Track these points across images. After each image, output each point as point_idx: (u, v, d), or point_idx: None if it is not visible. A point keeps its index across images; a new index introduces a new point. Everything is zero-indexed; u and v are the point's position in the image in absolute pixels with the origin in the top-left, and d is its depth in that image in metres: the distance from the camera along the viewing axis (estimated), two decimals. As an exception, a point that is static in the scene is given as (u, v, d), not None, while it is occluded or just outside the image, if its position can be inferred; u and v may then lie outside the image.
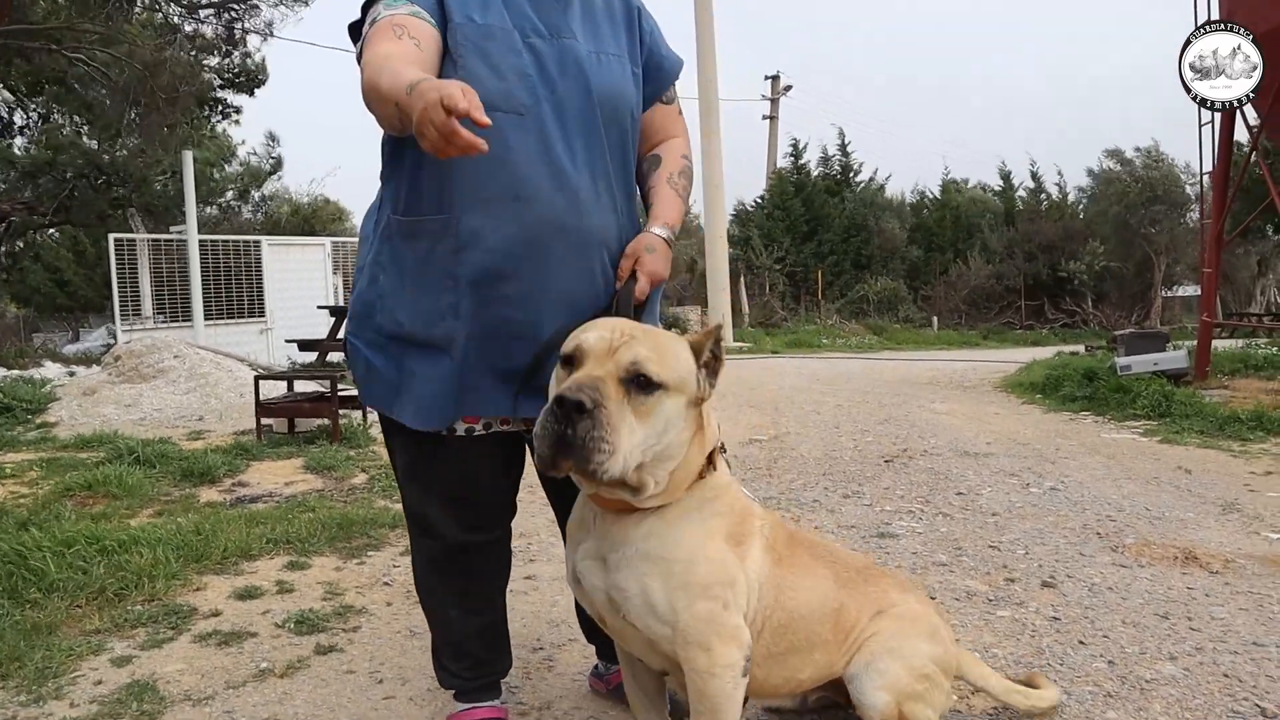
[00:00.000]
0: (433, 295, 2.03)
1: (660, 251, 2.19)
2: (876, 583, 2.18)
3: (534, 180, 2.00)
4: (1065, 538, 4.04)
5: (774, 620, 1.95)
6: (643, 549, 1.79)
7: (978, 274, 26.53)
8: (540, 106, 2.01)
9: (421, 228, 2.04)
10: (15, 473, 5.64)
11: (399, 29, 1.93)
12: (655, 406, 1.66)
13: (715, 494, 1.87)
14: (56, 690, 2.70)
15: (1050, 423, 7.63)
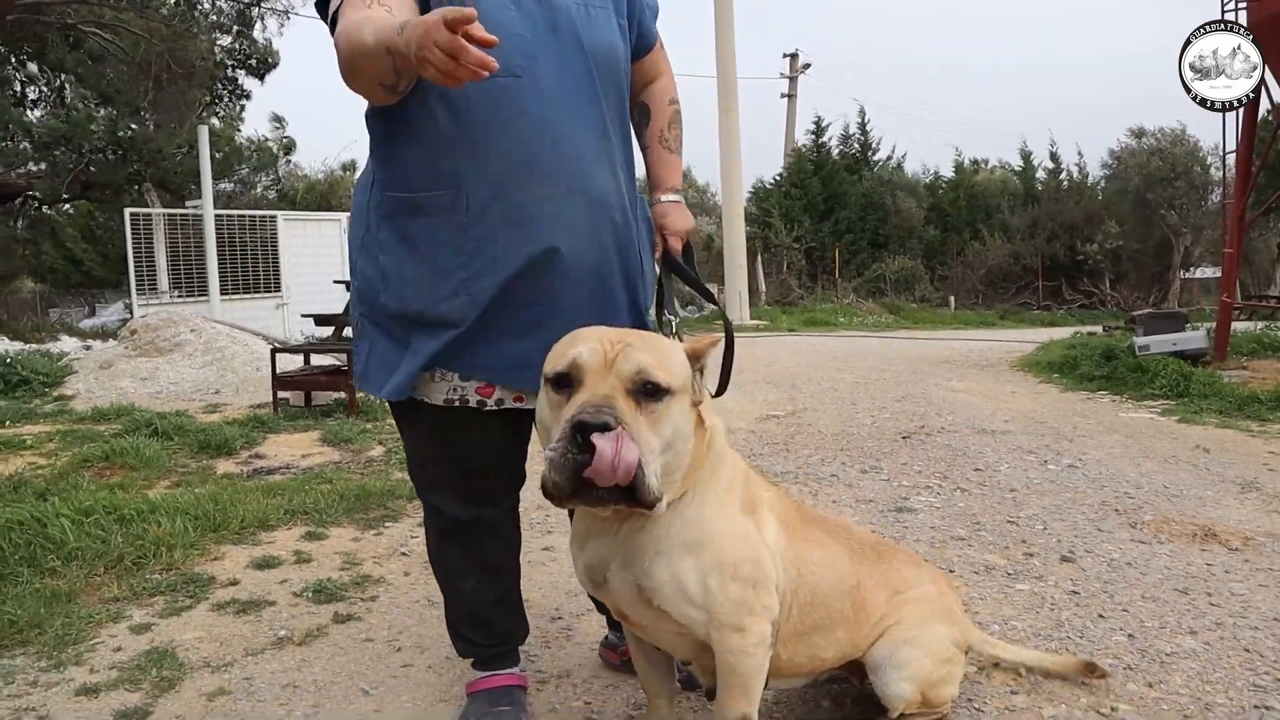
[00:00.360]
0: (442, 272, 1.99)
1: (675, 212, 2.22)
2: (889, 559, 2.17)
3: (538, 145, 1.96)
4: (1083, 514, 4.02)
5: (800, 597, 1.94)
6: (670, 537, 1.74)
7: (995, 254, 26.37)
8: (535, 66, 1.95)
9: (426, 203, 1.99)
10: (34, 444, 5.68)
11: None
12: (665, 413, 1.59)
13: (719, 459, 1.83)
14: (76, 656, 2.73)
15: (1067, 402, 7.59)
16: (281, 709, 2.40)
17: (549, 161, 1.97)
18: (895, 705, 2.06)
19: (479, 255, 1.97)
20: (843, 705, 2.28)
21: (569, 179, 1.99)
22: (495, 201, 1.96)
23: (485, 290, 1.97)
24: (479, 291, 1.98)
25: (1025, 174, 29.68)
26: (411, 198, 2.00)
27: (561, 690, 2.48)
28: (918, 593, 2.14)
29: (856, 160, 29.81)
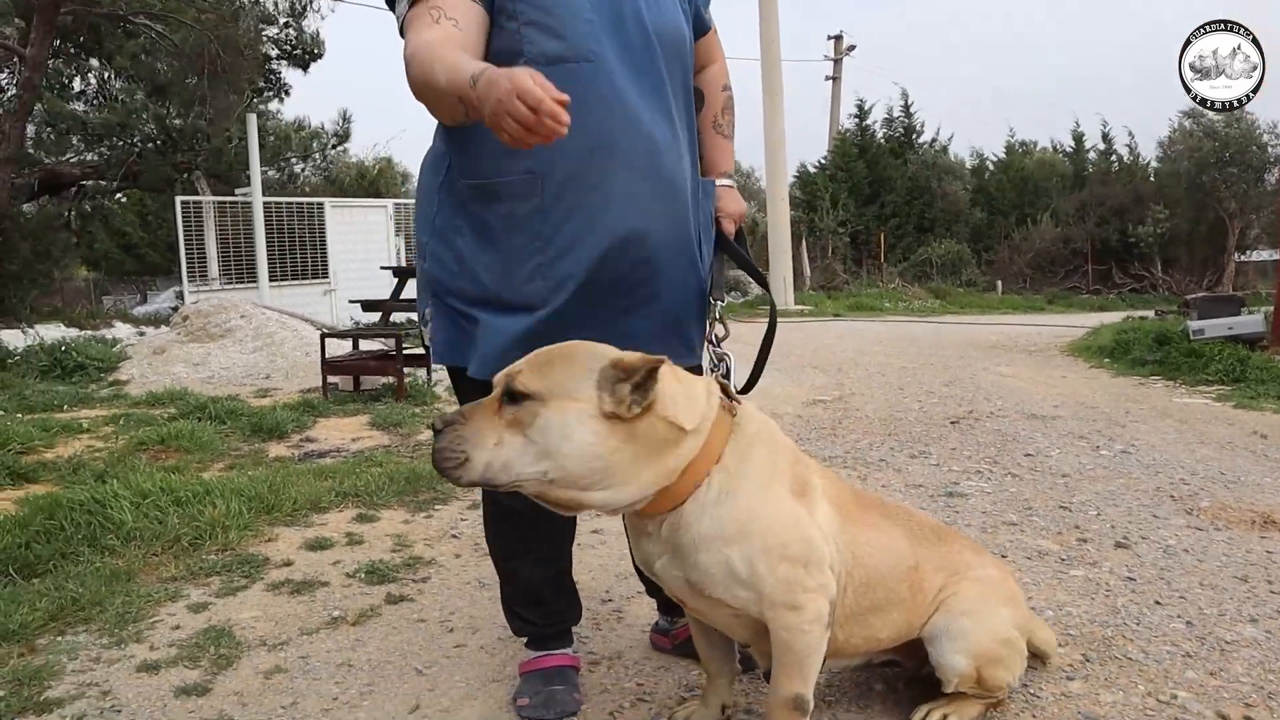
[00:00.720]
0: (519, 258, 2.01)
1: (728, 196, 2.27)
2: (950, 543, 2.16)
3: (611, 130, 1.96)
4: (1138, 500, 3.96)
5: (855, 578, 1.94)
6: (716, 524, 1.75)
7: (1044, 237, 25.94)
8: (605, 52, 1.96)
9: (501, 189, 2.00)
10: (91, 428, 5.80)
11: (435, 11, 1.87)
12: (530, 415, 1.64)
13: (751, 441, 1.82)
14: (136, 634, 2.79)
15: (1119, 387, 7.47)
16: (337, 687, 2.43)
17: (623, 146, 1.98)
18: (949, 677, 2.04)
19: (555, 240, 1.99)
20: (895, 688, 2.26)
21: (643, 162, 2.00)
22: (570, 186, 1.97)
23: (563, 274, 1.99)
24: (556, 276, 1.99)
25: (1076, 156, 29.14)
26: (486, 184, 2.01)
27: (614, 671, 2.49)
28: (979, 573, 2.12)
29: (901, 143, 29.46)
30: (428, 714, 2.28)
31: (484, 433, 1.66)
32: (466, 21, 1.88)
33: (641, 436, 1.67)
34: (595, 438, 1.64)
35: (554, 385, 1.65)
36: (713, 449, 1.75)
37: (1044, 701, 2.23)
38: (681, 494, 1.74)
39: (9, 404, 6.78)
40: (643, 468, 1.68)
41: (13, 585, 3.12)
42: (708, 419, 1.76)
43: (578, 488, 1.67)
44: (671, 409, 1.70)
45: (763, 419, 1.89)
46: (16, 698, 2.38)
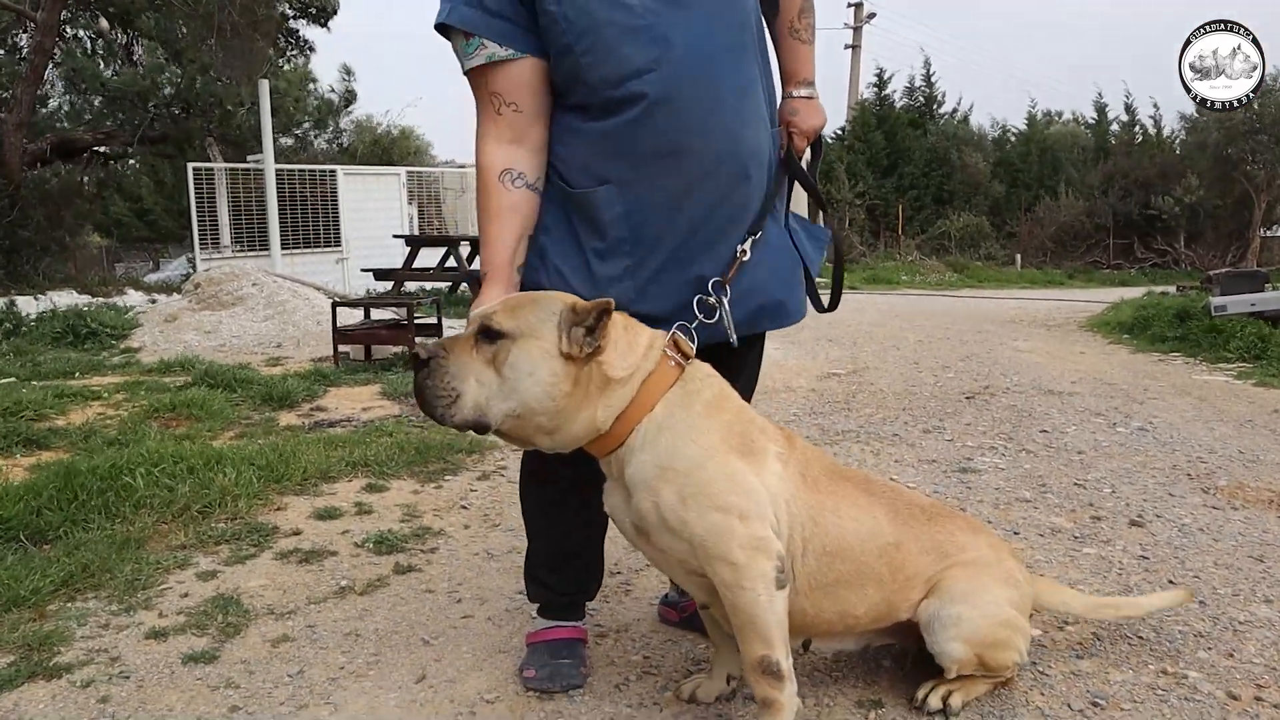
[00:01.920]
0: (607, 261, 2.06)
1: (805, 109, 2.27)
2: (942, 524, 2.14)
3: (682, 130, 1.99)
4: (1154, 478, 3.94)
5: (816, 545, 1.95)
6: (640, 468, 1.85)
7: (1066, 211, 25.68)
8: (669, 51, 1.95)
9: (581, 200, 2.05)
10: (103, 395, 5.83)
11: (496, 99, 2.00)
12: (504, 353, 1.78)
13: (690, 396, 1.89)
14: (146, 601, 2.82)
15: (1138, 363, 7.42)
16: (344, 656, 2.45)
17: (695, 145, 2.01)
18: (949, 665, 2.05)
19: (640, 244, 2.06)
20: (903, 664, 2.27)
21: (716, 151, 2.04)
22: (647, 193, 2.03)
23: (646, 273, 2.07)
24: (641, 276, 2.07)
25: (1099, 127, 28.77)
26: (570, 190, 2.06)
27: (620, 644, 2.50)
28: (971, 555, 2.11)
29: (921, 114, 29.16)
30: (434, 684, 2.30)
31: (466, 369, 1.79)
32: (525, 99, 2.01)
33: (583, 381, 1.81)
34: (553, 376, 1.79)
35: (523, 325, 1.79)
36: (645, 399, 1.86)
37: (1053, 679, 2.23)
38: (617, 438, 1.86)
39: (22, 371, 6.83)
40: (577, 413, 1.83)
41: (24, 552, 3.15)
42: (641, 370, 1.86)
43: (533, 426, 1.83)
44: (608, 357, 1.83)
45: (711, 377, 1.95)
46: (26, 662, 2.41)
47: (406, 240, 11.65)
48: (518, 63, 1.98)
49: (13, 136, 12.77)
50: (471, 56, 1.99)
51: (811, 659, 2.35)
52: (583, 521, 2.31)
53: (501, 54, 1.97)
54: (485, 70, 1.99)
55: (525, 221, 2.06)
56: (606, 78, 1.96)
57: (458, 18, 1.98)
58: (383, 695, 2.25)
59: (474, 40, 1.97)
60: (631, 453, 1.86)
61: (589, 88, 1.98)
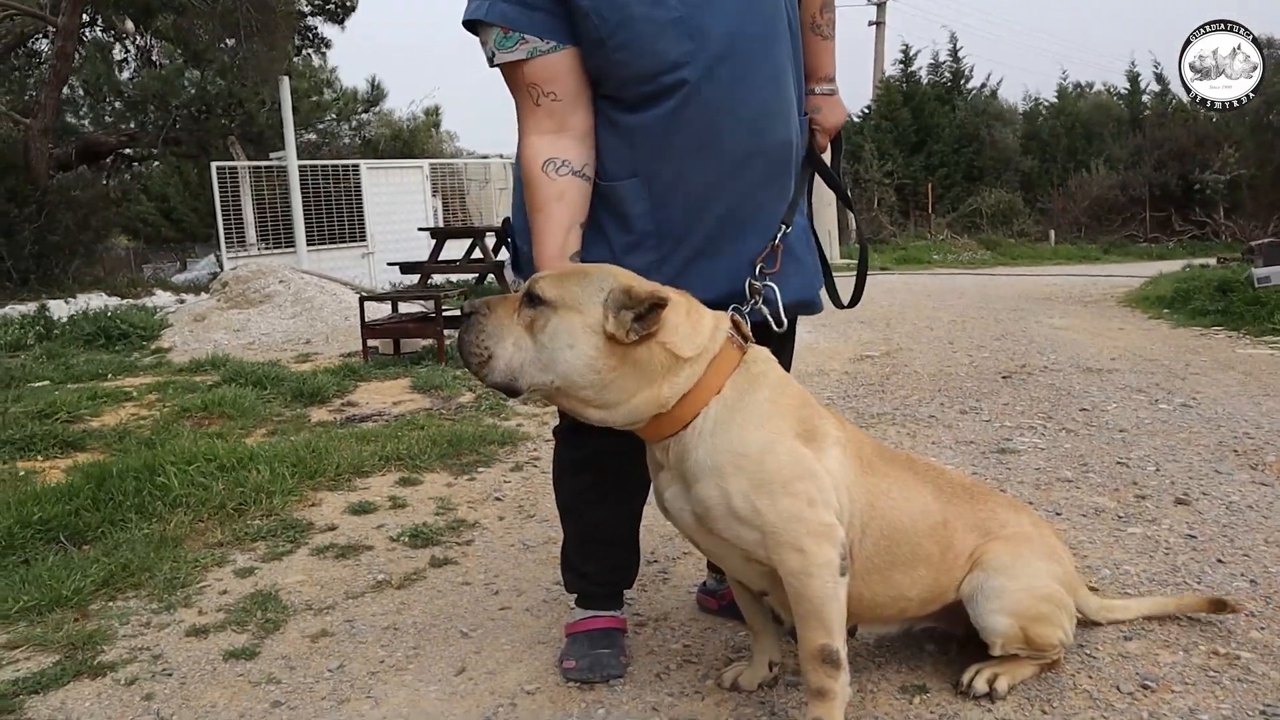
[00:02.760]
0: (633, 256, 2.05)
1: (827, 106, 2.27)
2: (984, 502, 2.14)
3: (717, 121, 1.99)
4: (1199, 455, 3.89)
5: (873, 529, 1.94)
6: (710, 454, 1.82)
7: (1100, 184, 25.33)
8: (704, 43, 1.94)
9: (609, 192, 2.05)
10: (136, 395, 5.91)
11: (534, 90, 1.98)
12: (544, 321, 1.77)
13: (755, 380, 1.87)
14: (185, 599, 2.85)
15: (1179, 338, 7.32)
16: (383, 650, 2.48)
17: (725, 138, 2.01)
18: (993, 640, 2.03)
19: (668, 237, 2.06)
20: (947, 650, 2.25)
21: (746, 144, 2.04)
22: (676, 186, 2.03)
23: (674, 267, 2.07)
24: (668, 270, 2.06)
25: (1132, 98, 28.35)
26: (598, 183, 2.05)
27: (660, 633, 2.51)
28: (1013, 530, 2.10)
29: (948, 89, 28.87)
30: (474, 676, 2.31)
31: (504, 330, 1.80)
32: (565, 87, 1.98)
33: (639, 361, 1.78)
34: (595, 352, 1.76)
35: (567, 296, 1.78)
36: (712, 381, 1.83)
37: (1100, 662, 2.21)
38: (680, 420, 1.82)
39: (56, 373, 6.93)
40: (636, 390, 1.79)
41: (65, 553, 3.20)
42: (708, 351, 1.83)
43: (578, 399, 1.81)
44: (672, 337, 1.79)
45: (773, 361, 1.94)
46: (71, 661, 2.45)
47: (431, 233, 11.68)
48: (557, 54, 1.96)
49: (38, 142, 12.93)
50: (511, 50, 1.96)
51: (854, 644, 2.34)
52: (616, 510, 2.32)
53: (544, 48, 1.95)
54: (522, 64, 1.97)
55: (573, 209, 2.02)
56: (640, 73, 1.95)
57: (497, 14, 1.95)
58: (423, 688, 2.27)
59: (513, 35, 1.95)
60: (699, 438, 1.82)
61: (621, 81, 1.98)
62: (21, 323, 9.05)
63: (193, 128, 17.37)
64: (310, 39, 18.51)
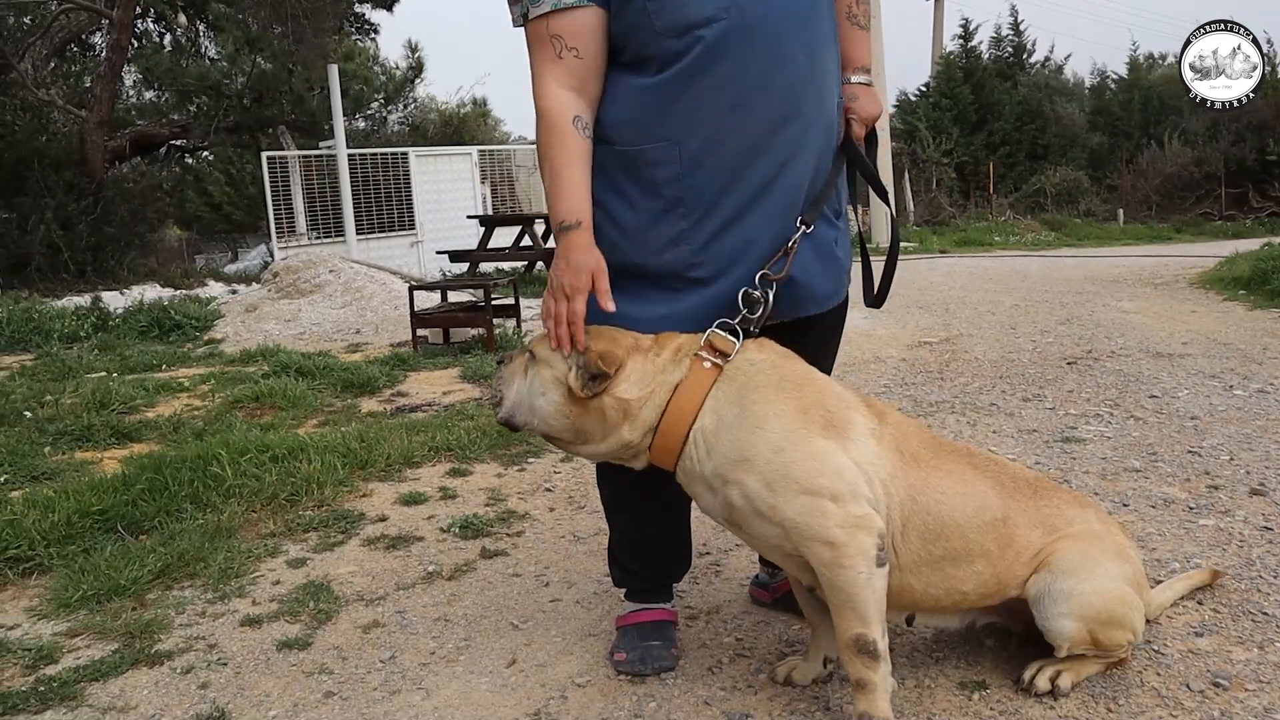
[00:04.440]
0: (661, 225, 2.05)
1: (864, 96, 2.25)
2: (1049, 498, 2.10)
3: (746, 87, 1.98)
4: (1277, 443, 3.79)
5: (917, 523, 1.93)
6: (716, 468, 1.90)
7: (1174, 160, 24.71)
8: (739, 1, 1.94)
9: (638, 157, 2.03)
10: (189, 386, 6.04)
11: (557, 42, 1.97)
12: (531, 372, 2.03)
13: (741, 390, 1.91)
14: (239, 589, 2.92)
15: (1256, 321, 7.13)
16: (434, 641, 2.51)
17: (759, 102, 1.99)
18: (1060, 643, 2.01)
19: (698, 205, 2.04)
20: (1007, 645, 2.23)
21: (780, 110, 2.02)
22: (708, 150, 2.01)
23: (703, 235, 2.05)
24: (697, 239, 2.05)
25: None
26: (623, 150, 2.04)
27: (712, 626, 2.51)
28: (1080, 528, 2.06)
29: (1010, 65, 28.36)
30: (524, 668, 2.34)
31: (513, 378, 2.08)
32: (587, 46, 1.99)
33: (599, 408, 1.96)
34: (559, 402, 1.99)
35: (547, 352, 2.02)
36: (685, 408, 1.93)
37: (1169, 659, 2.18)
38: (671, 450, 1.95)
39: (111, 364, 7.11)
40: (604, 433, 1.98)
41: (122, 542, 3.29)
42: (664, 383, 1.95)
43: (559, 439, 2.05)
44: (621, 385, 1.95)
45: (763, 361, 1.96)
46: (130, 650, 2.52)
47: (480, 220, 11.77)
48: (583, 9, 1.97)
49: (94, 134, 13.23)
50: (538, 4, 1.97)
51: (911, 639, 2.33)
52: (661, 505, 2.32)
53: (568, 1, 1.96)
54: (548, 15, 1.98)
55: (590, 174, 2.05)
56: (674, 25, 1.93)
57: None
58: (474, 680, 2.30)
59: None
60: (697, 462, 1.93)
61: (650, 35, 1.95)
62: (77, 314, 9.28)
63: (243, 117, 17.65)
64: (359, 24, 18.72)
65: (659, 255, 2.06)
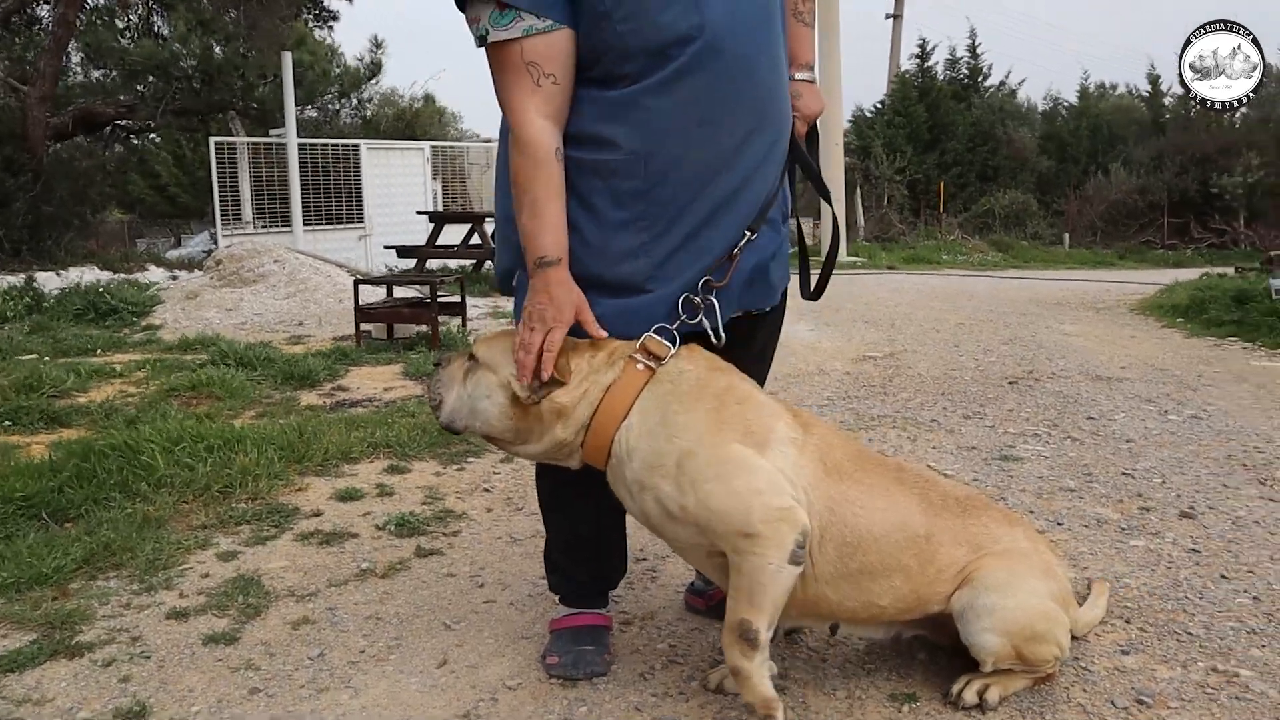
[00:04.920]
0: (622, 236, 2.04)
1: (807, 94, 2.28)
2: (978, 516, 2.12)
3: (720, 98, 1.97)
4: (1207, 468, 3.89)
5: (834, 534, 1.95)
6: (634, 472, 1.95)
7: (1118, 188, 25.25)
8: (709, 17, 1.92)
9: (601, 166, 2.01)
10: (124, 372, 5.92)
11: (534, 69, 1.93)
12: (472, 374, 2.07)
13: (666, 396, 1.95)
14: (166, 581, 2.86)
15: (1193, 348, 7.31)
16: (364, 640, 2.48)
17: (726, 117, 2.00)
18: (984, 658, 2.03)
19: (661, 218, 2.03)
20: (938, 657, 2.26)
21: (746, 123, 2.03)
22: (674, 164, 2.00)
23: (663, 249, 2.05)
24: (657, 252, 2.05)
25: (1153, 100, 28.28)
26: (587, 159, 2.01)
27: (646, 632, 2.51)
28: (1006, 546, 2.09)
29: (965, 86, 28.79)
30: (455, 669, 2.32)
31: (452, 381, 2.12)
32: (563, 73, 1.95)
33: (533, 411, 2.00)
34: (504, 405, 2.02)
35: (491, 357, 2.06)
36: (614, 408, 1.96)
37: (1096, 675, 2.22)
38: (601, 449, 1.98)
39: (43, 347, 6.94)
40: (542, 433, 2.02)
41: (46, 530, 3.21)
42: (597, 384, 1.98)
43: (501, 440, 2.09)
44: (557, 390, 1.97)
45: (688, 368, 1.98)
46: (49, 640, 2.46)
47: (430, 217, 11.68)
48: (559, 32, 1.92)
49: (36, 110, 12.92)
50: (506, 29, 1.91)
51: (844, 650, 2.35)
52: (597, 509, 2.30)
53: (540, 26, 1.91)
54: (520, 41, 1.92)
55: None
56: (645, 46, 1.92)
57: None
58: (404, 680, 2.27)
59: (509, 12, 1.90)
60: (620, 464, 1.97)
61: (623, 55, 1.93)
62: (9, 294, 9.05)
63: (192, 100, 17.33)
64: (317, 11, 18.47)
65: (615, 266, 2.05)
